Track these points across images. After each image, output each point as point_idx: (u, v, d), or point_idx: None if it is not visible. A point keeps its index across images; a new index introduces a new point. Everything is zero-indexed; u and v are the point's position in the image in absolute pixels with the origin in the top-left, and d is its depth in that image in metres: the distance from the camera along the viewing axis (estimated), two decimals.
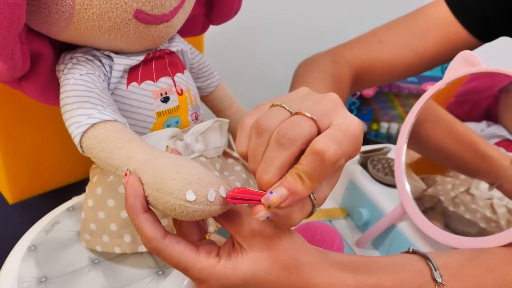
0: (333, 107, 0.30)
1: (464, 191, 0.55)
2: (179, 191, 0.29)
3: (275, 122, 0.29)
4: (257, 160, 0.30)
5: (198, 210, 0.29)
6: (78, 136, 0.35)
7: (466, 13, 0.59)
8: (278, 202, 0.28)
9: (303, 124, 0.29)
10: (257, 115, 0.31)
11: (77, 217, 0.49)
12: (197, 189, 0.29)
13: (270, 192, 0.28)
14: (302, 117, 0.29)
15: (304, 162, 0.28)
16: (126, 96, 0.41)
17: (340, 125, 0.29)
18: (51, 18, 0.35)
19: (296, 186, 0.28)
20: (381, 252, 0.58)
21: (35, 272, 0.41)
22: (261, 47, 0.95)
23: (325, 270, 0.33)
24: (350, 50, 0.63)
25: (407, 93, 0.93)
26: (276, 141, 0.28)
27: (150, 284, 0.41)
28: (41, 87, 0.40)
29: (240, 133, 0.32)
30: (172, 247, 0.32)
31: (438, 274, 0.36)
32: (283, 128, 0.28)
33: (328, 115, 0.30)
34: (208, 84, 0.52)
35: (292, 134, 0.28)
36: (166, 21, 0.38)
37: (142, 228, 0.31)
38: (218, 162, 0.47)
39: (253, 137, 0.30)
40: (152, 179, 0.31)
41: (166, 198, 0.29)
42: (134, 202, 0.31)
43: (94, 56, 0.40)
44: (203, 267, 0.32)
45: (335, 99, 0.31)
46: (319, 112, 0.29)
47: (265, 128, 0.29)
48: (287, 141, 0.28)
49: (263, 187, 0.29)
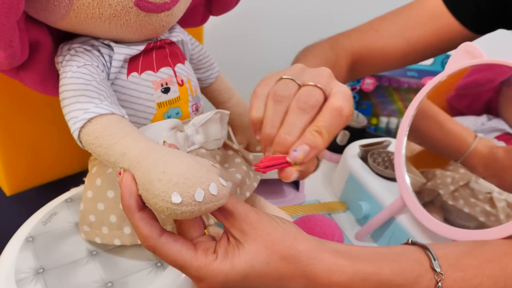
0: (329, 78, 0.36)
1: (464, 185, 0.55)
2: (165, 194, 0.28)
3: (290, 92, 0.35)
4: (275, 124, 0.34)
5: (187, 211, 0.29)
6: (76, 132, 0.35)
7: (458, 5, 0.60)
8: (303, 158, 0.32)
9: (316, 92, 0.34)
10: (267, 86, 0.36)
11: (75, 209, 0.49)
12: (183, 190, 0.29)
13: (294, 150, 0.32)
14: (313, 87, 0.34)
15: (324, 119, 0.33)
16: (126, 86, 0.40)
17: (340, 91, 0.35)
18: (50, 5, 0.35)
19: (317, 141, 0.33)
20: (380, 245, 0.58)
21: (32, 263, 0.41)
22: (261, 39, 0.95)
23: (323, 258, 0.33)
24: (348, 38, 0.66)
25: (407, 88, 0.93)
26: (299, 107, 0.34)
27: (149, 275, 0.41)
28: (39, 77, 0.39)
29: (255, 101, 0.36)
30: (169, 245, 0.32)
31: (437, 264, 0.36)
32: (303, 97, 0.34)
33: (328, 85, 0.35)
34: (208, 75, 0.51)
35: (312, 101, 0.34)
36: (167, 9, 0.38)
37: (138, 227, 0.31)
38: (218, 154, 0.46)
39: (271, 104, 0.35)
40: (142, 179, 0.30)
41: (154, 200, 0.29)
42: (129, 201, 0.31)
43: (92, 46, 0.40)
44: (200, 265, 0.32)
45: (329, 72, 0.37)
46: (323, 82, 0.35)
47: (284, 96, 0.34)
48: (308, 107, 0.33)
49: (285, 148, 0.33)
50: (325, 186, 0.73)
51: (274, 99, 0.35)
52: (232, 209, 0.33)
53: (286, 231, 0.34)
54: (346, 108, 0.33)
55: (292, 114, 0.34)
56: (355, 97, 0.93)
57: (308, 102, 0.33)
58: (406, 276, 0.35)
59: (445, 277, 0.35)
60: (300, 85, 0.35)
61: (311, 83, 0.35)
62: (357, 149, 0.68)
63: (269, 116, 0.34)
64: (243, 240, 0.32)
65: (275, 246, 0.32)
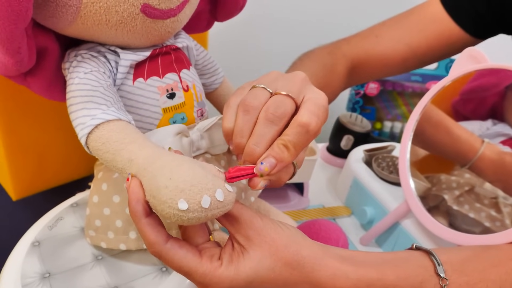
0: (303, 84, 0.35)
1: (469, 190, 0.55)
2: (172, 200, 0.29)
3: (259, 101, 0.34)
4: (244, 135, 0.33)
5: (193, 217, 0.29)
6: (84, 138, 0.35)
7: (458, 10, 0.61)
8: (269, 170, 0.32)
9: (286, 102, 0.33)
10: (241, 96, 0.35)
11: (80, 213, 0.49)
12: (190, 197, 0.29)
13: (261, 163, 0.32)
14: (283, 97, 0.34)
15: (291, 133, 0.32)
16: (132, 92, 0.40)
17: (312, 99, 0.34)
18: (58, 12, 0.35)
19: (283, 155, 0.32)
20: (385, 250, 0.57)
21: (38, 267, 0.41)
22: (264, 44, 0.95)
23: (327, 263, 0.33)
24: (347, 43, 0.66)
25: (411, 92, 0.93)
26: (266, 118, 0.33)
27: (154, 280, 0.41)
28: (46, 83, 0.40)
29: (226, 111, 0.35)
30: (174, 251, 0.32)
31: (442, 269, 0.36)
32: (271, 107, 0.33)
33: (301, 92, 0.34)
34: (212, 80, 0.52)
35: (280, 112, 0.33)
36: (173, 15, 0.38)
37: (144, 233, 0.32)
38: (223, 159, 0.46)
39: (240, 114, 0.34)
40: (149, 186, 0.30)
41: (161, 206, 0.29)
42: (136, 207, 0.31)
43: (98, 52, 0.40)
44: (205, 271, 0.32)
45: (303, 77, 0.36)
46: (294, 90, 0.34)
47: (252, 106, 0.34)
48: (276, 118, 0.33)
49: (253, 158, 0.33)
50: (330, 191, 0.73)
51: (243, 108, 0.34)
52: (237, 215, 0.33)
53: (291, 237, 0.34)
54: (312, 124, 0.32)
55: (260, 125, 0.33)
56: (359, 102, 0.93)
57: (276, 113, 0.33)
58: (411, 281, 0.35)
59: (449, 282, 0.35)
60: (272, 94, 0.34)
61: (282, 92, 0.34)
62: (362, 153, 0.68)
63: (238, 126, 0.34)
64: (248, 246, 0.32)
65: (280, 252, 0.32)
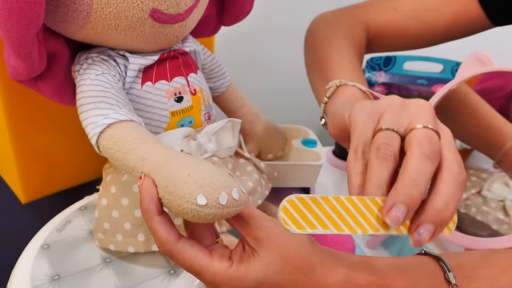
0: (434, 119, 0.33)
1: (476, 193, 0.55)
2: (190, 195, 0.29)
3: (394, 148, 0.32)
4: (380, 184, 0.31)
5: (210, 213, 0.29)
6: (95, 137, 0.35)
7: None
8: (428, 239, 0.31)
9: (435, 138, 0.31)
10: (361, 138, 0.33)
11: (89, 216, 0.49)
12: (208, 193, 0.29)
13: (418, 232, 0.31)
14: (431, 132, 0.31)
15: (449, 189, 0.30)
16: (140, 95, 0.41)
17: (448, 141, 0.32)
18: (68, 17, 0.36)
19: None
20: (392, 253, 0.57)
21: (48, 270, 0.42)
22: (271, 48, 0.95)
23: (337, 270, 0.33)
24: (365, 13, 0.63)
25: (417, 96, 0.93)
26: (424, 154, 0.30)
27: (162, 283, 0.41)
28: (56, 87, 0.40)
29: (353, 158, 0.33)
30: (185, 250, 0.32)
31: (452, 275, 0.35)
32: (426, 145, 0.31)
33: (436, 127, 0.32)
34: (219, 84, 0.52)
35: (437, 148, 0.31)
36: (181, 20, 0.38)
37: (156, 231, 0.32)
38: (230, 162, 0.47)
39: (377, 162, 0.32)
40: (165, 182, 0.31)
41: (178, 202, 0.30)
42: (149, 205, 0.31)
43: (109, 56, 0.40)
44: (216, 270, 0.32)
45: (432, 110, 0.33)
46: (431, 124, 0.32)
47: (389, 154, 0.32)
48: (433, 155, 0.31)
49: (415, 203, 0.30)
50: (336, 194, 0.73)
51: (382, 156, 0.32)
52: (248, 217, 0.33)
53: (301, 242, 0.33)
54: (462, 173, 0.31)
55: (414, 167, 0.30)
56: None
57: (433, 150, 0.31)
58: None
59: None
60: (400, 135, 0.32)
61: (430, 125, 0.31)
62: None
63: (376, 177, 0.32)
64: (258, 248, 0.32)
65: (290, 257, 0.32)
